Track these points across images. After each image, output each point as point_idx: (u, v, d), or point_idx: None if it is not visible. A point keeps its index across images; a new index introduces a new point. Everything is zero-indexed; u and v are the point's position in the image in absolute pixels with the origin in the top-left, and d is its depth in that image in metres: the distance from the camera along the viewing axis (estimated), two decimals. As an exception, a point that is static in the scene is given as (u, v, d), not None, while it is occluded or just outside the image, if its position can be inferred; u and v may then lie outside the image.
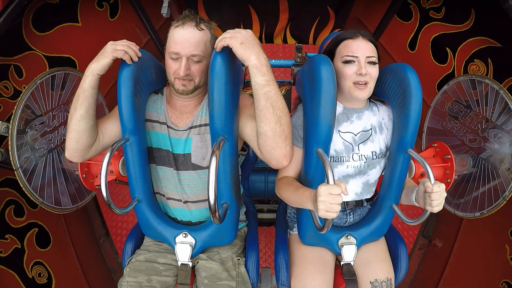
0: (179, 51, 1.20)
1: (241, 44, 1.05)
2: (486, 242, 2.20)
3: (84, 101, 1.17)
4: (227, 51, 1.10)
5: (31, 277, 1.97)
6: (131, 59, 1.18)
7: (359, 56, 1.19)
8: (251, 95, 1.15)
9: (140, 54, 1.22)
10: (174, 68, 1.23)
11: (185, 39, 1.19)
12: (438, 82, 2.39)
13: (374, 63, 1.21)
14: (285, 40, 3.03)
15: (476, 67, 2.11)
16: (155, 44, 2.57)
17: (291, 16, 2.80)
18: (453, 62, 2.26)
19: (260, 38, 2.97)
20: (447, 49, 2.28)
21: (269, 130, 1.08)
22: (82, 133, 1.20)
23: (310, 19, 2.87)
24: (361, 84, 1.20)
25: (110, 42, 1.17)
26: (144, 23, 2.43)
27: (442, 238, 2.56)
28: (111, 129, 1.29)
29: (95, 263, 2.59)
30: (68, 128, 1.21)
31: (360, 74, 1.18)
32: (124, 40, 1.18)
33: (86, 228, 2.62)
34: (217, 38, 1.15)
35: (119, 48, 1.15)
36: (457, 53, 2.22)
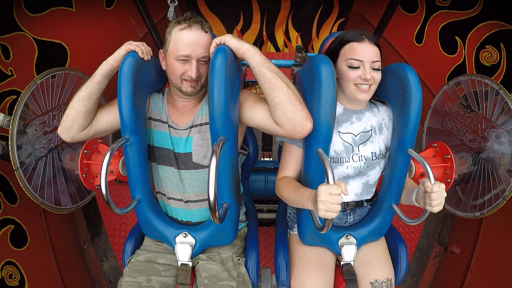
0: (190, 53, 1.21)
1: (233, 37, 1.16)
2: (510, 242, 2.07)
3: (90, 84, 1.24)
4: (227, 52, 1.12)
5: (0, 277, 1.81)
6: (142, 57, 1.24)
7: (364, 61, 1.19)
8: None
9: (150, 58, 1.27)
10: (183, 70, 1.23)
11: (195, 41, 1.21)
12: (448, 74, 2.31)
13: (378, 69, 1.21)
14: (286, 32, 2.94)
15: (488, 54, 2.02)
16: (153, 39, 2.42)
17: (293, 4, 2.71)
18: (464, 51, 2.16)
19: (260, 30, 2.88)
20: (456, 38, 2.18)
21: (284, 95, 1.10)
22: (79, 113, 1.25)
23: (313, 7, 2.78)
24: (364, 87, 1.20)
25: (126, 43, 1.25)
26: (143, 15, 2.28)
27: (460, 244, 2.43)
28: (105, 119, 1.33)
29: (77, 270, 2.41)
30: (69, 106, 1.27)
31: (364, 79, 1.18)
32: (139, 42, 1.26)
33: (69, 231, 2.45)
34: (214, 36, 1.23)
35: (134, 44, 1.23)
36: (467, 41, 2.12)
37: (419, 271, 2.60)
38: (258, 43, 2.99)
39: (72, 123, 1.27)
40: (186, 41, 1.20)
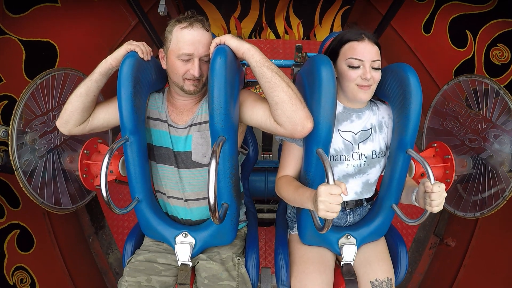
0: (193, 52, 1.21)
1: (232, 37, 1.16)
2: (505, 242, 2.05)
3: (88, 82, 1.26)
4: (227, 52, 1.12)
5: (12, 283, 1.80)
6: (142, 57, 1.25)
7: (365, 61, 1.19)
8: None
9: (150, 58, 1.28)
10: (185, 69, 1.23)
11: (197, 40, 1.21)
12: (455, 68, 2.24)
13: (378, 68, 1.22)
14: (287, 19, 2.80)
15: (499, 52, 1.97)
16: (144, 28, 2.32)
17: None
18: (473, 47, 2.10)
19: (260, 16, 2.73)
20: (467, 32, 2.11)
21: (284, 94, 1.10)
22: (76, 109, 1.28)
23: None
24: (365, 86, 1.20)
25: (126, 43, 1.26)
26: (132, 4, 2.18)
27: (455, 237, 2.41)
28: (102, 116, 1.35)
29: (84, 265, 2.43)
30: (67, 101, 1.30)
31: (364, 78, 1.18)
32: (139, 42, 1.28)
33: (73, 227, 2.47)
34: (214, 36, 1.24)
35: (134, 43, 1.25)
36: (478, 36, 2.06)
37: (415, 261, 2.63)
38: (257, 29, 2.88)
39: (69, 118, 1.30)
40: (188, 40, 1.20)
